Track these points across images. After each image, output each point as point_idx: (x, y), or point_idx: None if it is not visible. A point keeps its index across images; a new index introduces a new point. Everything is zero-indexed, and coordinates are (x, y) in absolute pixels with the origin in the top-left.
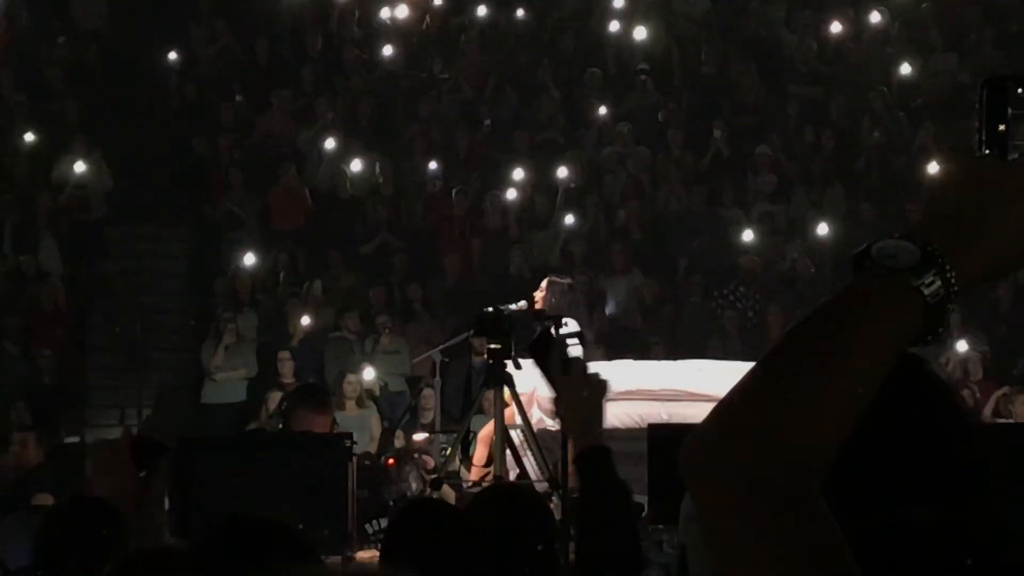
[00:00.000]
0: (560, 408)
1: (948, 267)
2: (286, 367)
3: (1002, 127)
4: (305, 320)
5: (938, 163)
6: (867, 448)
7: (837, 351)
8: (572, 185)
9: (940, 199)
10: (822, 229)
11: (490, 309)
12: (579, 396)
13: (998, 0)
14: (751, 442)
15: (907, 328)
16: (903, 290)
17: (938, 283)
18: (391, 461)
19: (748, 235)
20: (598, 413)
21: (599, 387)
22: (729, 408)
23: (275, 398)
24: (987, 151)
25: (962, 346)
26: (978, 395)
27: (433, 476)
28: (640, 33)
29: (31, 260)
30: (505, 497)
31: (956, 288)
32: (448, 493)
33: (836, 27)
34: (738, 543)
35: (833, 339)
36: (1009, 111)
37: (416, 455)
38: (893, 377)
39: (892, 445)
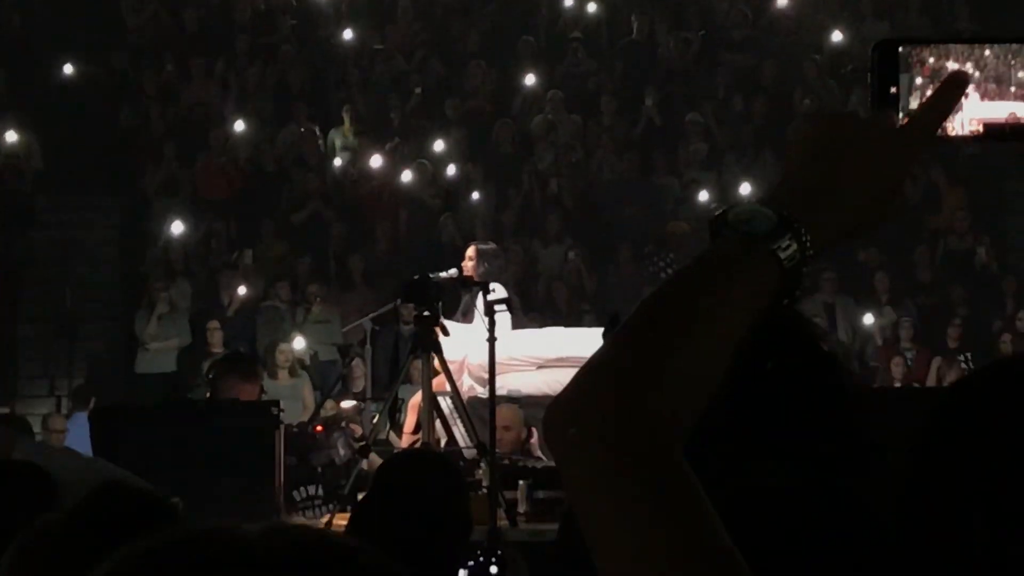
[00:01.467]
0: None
1: (803, 231)
2: (215, 336)
3: (893, 89)
4: (241, 290)
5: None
6: (731, 409)
7: (696, 315)
8: (503, 151)
9: (796, 162)
10: (753, 195)
11: (417, 277)
12: None
13: None
14: (612, 407)
15: (764, 291)
16: (760, 254)
17: (794, 247)
18: (319, 428)
19: (681, 202)
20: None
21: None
22: (589, 373)
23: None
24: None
25: (889, 313)
26: (910, 363)
27: (361, 444)
28: (568, 1)
29: None
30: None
31: (811, 251)
32: (375, 460)
33: None
34: (602, 510)
35: (692, 303)
36: (900, 74)
37: (344, 423)
38: (771, 335)
39: (756, 406)
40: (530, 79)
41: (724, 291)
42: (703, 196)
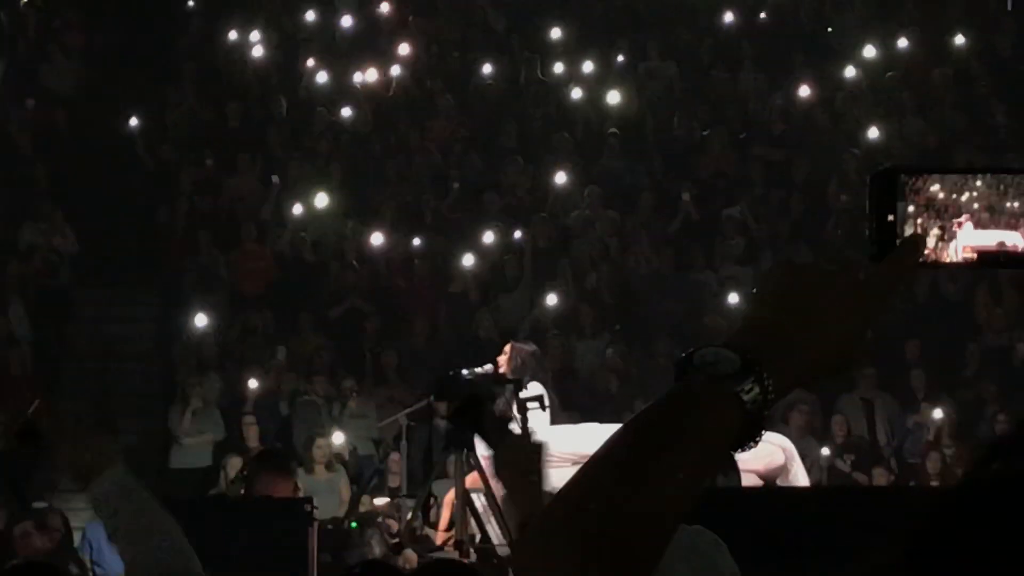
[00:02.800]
0: (500, 476)
1: (765, 375)
2: (251, 431)
3: (891, 217)
4: (252, 384)
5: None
6: None
7: (659, 454)
8: (540, 246)
9: (762, 306)
10: None
11: (451, 373)
12: (516, 463)
13: (967, 64)
14: (579, 543)
15: (726, 432)
16: (723, 396)
17: (756, 390)
18: (354, 525)
19: (717, 297)
20: (536, 478)
21: (535, 451)
22: (556, 509)
23: (234, 464)
24: (877, 241)
25: (937, 413)
26: (949, 459)
27: (395, 540)
28: (612, 98)
29: (4, 323)
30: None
31: (773, 395)
32: (410, 557)
33: (804, 90)
34: None
35: (656, 442)
36: (897, 202)
37: (380, 519)
38: None
39: None
40: (568, 174)
41: (688, 431)
42: (738, 292)
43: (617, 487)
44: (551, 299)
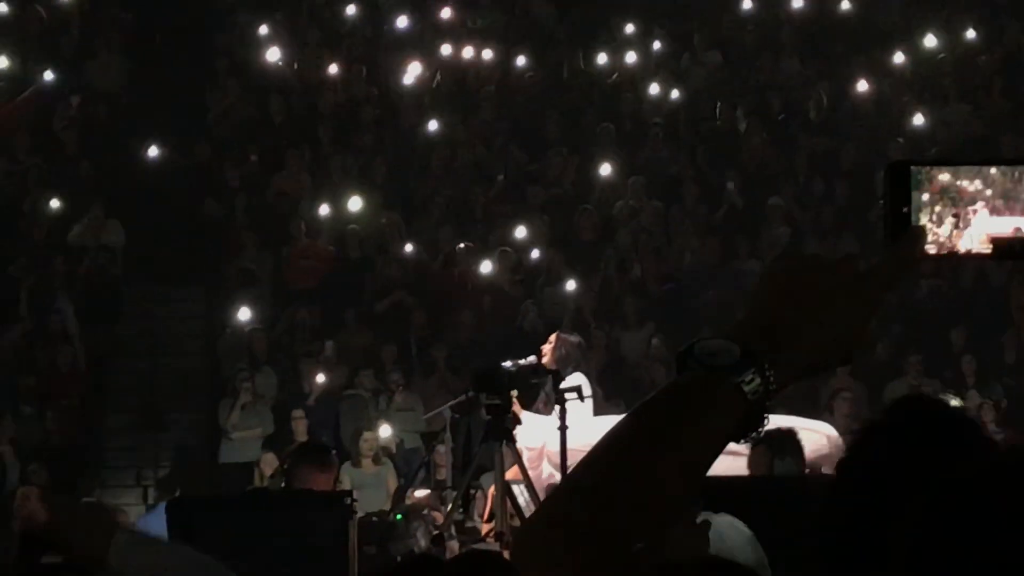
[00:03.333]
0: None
1: (766, 366)
2: (299, 426)
3: (905, 209)
4: (320, 378)
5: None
6: None
7: (661, 443)
8: (584, 238)
9: (763, 299)
10: None
11: (488, 366)
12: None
13: (1014, 50)
14: (579, 532)
15: (728, 422)
16: (724, 386)
17: (757, 381)
18: (399, 518)
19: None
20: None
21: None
22: (557, 499)
23: (268, 460)
24: (891, 232)
25: (974, 397)
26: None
27: (436, 532)
28: (654, 88)
29: (57, 321)
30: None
31: (775, 386)
32: (453, 548)
33: (848, 78)
34: None
35: (658, 431)
36: (912, 192)
37: (425, 511)
38: None
39: None
40: (612, 165)
41: (690, 421)
42: None
43: (618, 475)
44: (595, 290)
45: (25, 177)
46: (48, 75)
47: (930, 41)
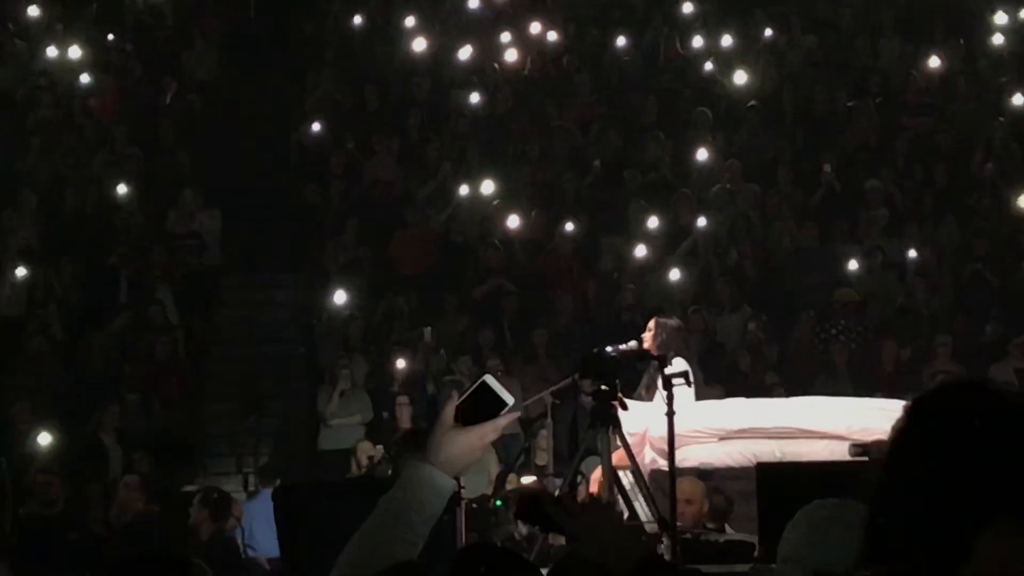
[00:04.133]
0: (589, 550)
1: None
2: (403, 412)
3: None
4: (400, 363)
5: None
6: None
7: None
8: (682, 222)
9: None
10: (934, 262)
11: (594, 351)
12: (592, 526)
13: None
14: None
15: None
16: None
17: None
18: (498, 504)
19: (854, 268)
20: (620, 532)
21: (606, 508)
22: None
23: (363, 448)
24: None
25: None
26: None
27: None
28: (751, 71)
29: (159, 310)
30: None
31: None
32: (557, 536)
33: (946, 58)
34: None
35: None
36: None
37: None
38: None
39: None
40: (708, 149)
41: None
42: (882, 262)
43: None
44: (693, 275)
45: (124, 168)
46: (144, 66)
47: None
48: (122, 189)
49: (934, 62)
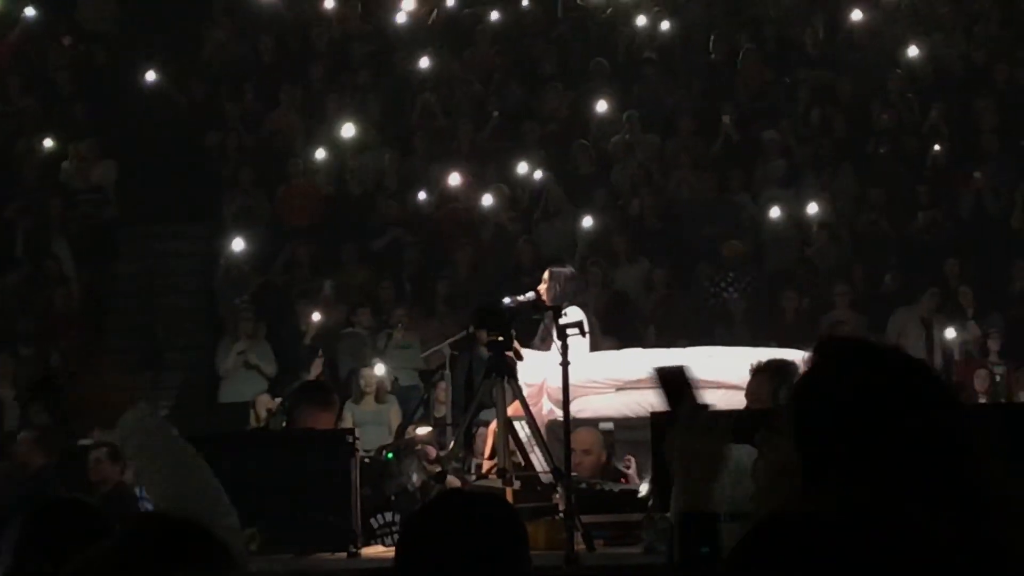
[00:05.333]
0: (671, 456)
1: None
2: (316, 367)
3: None
4: (316, 317)
5: None
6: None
7: None
8: (581, 173)
9: None
10: (831, 213)
11: (488, 302)
12: (696, 448)
13: None
14: None
15: None
16: None
17: None
18: (389, 456)
19: (753, 218)
20: (714, 470)
21: (720, 440)
22: None
23: (263, 401)
24: None
25: (973, 328)
26: (1000, 377)
27: (437, 469)
28: (649, 21)
29: (54, 263)
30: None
31: None
32: (453, 484)
33: (844, 9)
34: None
35: None
36: None
37: (419, 447)
38: None
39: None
40: (607, 100)
41: None
42: (778, 213)
43: None
44: (592, 226)
45: (19, 119)
46: (33, 13)
47: None
48: (17, 141)
49: (834, 12)
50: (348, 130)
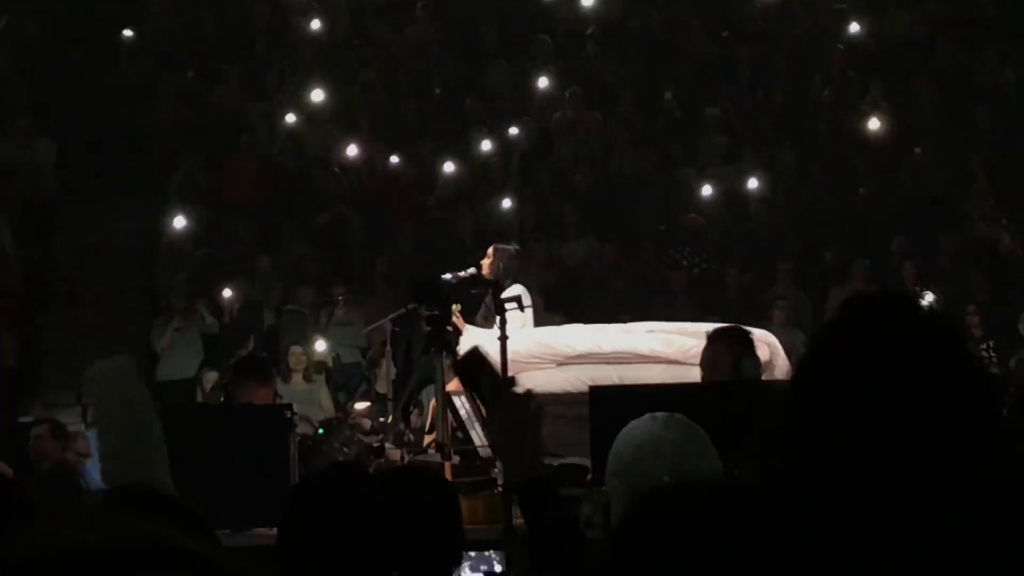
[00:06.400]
0: (493, 435)
1: None
2: (248, 342)
3: None
4: (227, 293)
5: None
6: None
7: None
8: (523, 150)
9: None
10: (772, 188)
11: (427, 277)
12: (513, 421)
13: None
14: None
15: None
16: None
17: None
18: (320, 432)
19: (701, 195)
20: (535, 439)
21: (536, 410)
22: None
23: (209, 378)
24: None
25: (928, 297)
26: None
27: (375, 443)
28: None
29: None
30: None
31: None
32: (393, 458)
33: None
34: None
35: None
36: None
37: (352, 420)
38: None
39: None
40: (549, 76)
41: None
42: (721, 189)
43: None
44: (535, 202)
45: None
46: None
47: None
48: None
49: None
50: (317, 95)
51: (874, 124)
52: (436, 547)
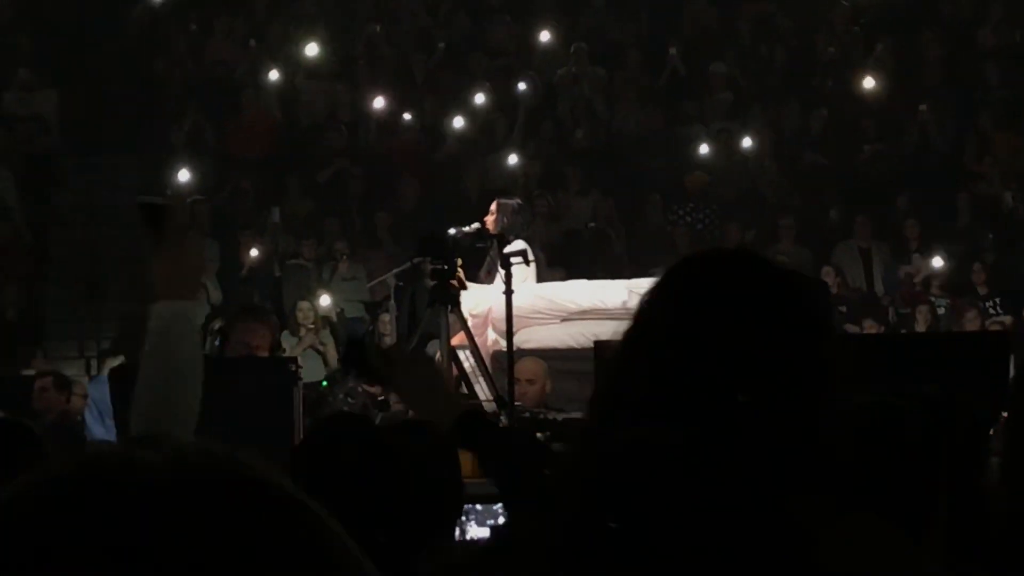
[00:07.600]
0: (405, 401)
1: None
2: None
3: None
4: (253, 252)
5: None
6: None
7: None
8: (528, 105)
9: None
10: (776, 145)
11: (432, 232)
12: (414, 380)
13: None
14: None
15: None
16: None
17: None
18: (323, 384)
19: (704, 151)
20: (439, 387)
21: (430, 363)
22: None
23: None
24: None
25: (918, 260)
26: (942, 310)
27: (381, 397)
28: None
29: None
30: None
31: None
32: (397, 408)
33: None
34: None
35: None
36: None
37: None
38: None
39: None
40: (554, 32)
41: None
42: (725, 146)
43: None
44: (538, 157)
45: None
46: None
47: None
48: None
49: None
50: (312, 49)
51: (869, 83)
52: (437, 498)
